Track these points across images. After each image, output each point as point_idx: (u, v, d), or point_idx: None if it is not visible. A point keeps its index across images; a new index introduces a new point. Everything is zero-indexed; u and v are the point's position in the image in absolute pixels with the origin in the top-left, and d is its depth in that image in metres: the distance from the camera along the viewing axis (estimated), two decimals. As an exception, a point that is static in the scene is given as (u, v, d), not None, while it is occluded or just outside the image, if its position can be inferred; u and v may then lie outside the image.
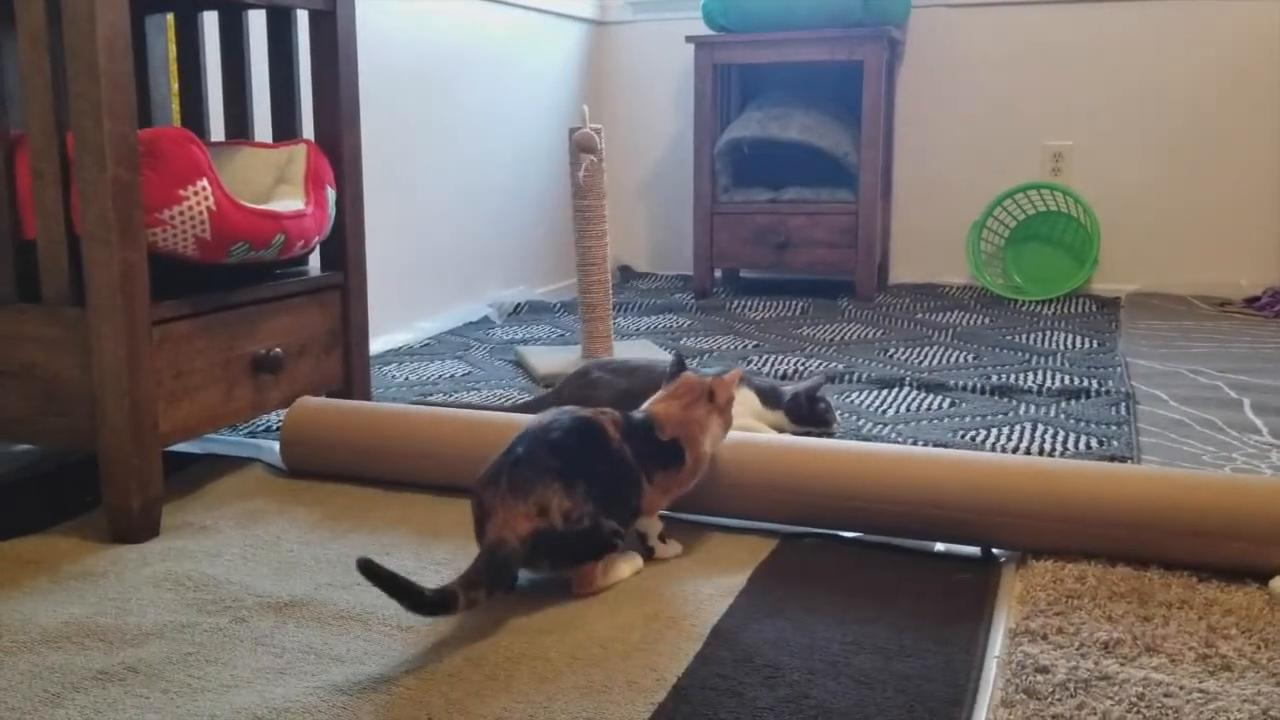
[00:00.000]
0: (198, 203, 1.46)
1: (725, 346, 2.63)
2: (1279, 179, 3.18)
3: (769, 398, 1.84)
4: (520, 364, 2.47)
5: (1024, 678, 1.06)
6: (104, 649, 1.11)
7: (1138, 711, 0.99)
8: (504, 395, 2.18)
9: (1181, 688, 1.03)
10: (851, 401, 2.10)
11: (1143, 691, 1.02)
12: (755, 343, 2.68)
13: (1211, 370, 2.31)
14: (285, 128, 1.84)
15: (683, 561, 1.35)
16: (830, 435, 1.84)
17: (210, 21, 1.88)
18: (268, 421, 1.95)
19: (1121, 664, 1.08)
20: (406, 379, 2.32)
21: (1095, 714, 0.99)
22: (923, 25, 3.47)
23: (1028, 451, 1.78)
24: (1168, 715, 0.99)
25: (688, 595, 1.24)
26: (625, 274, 3.84)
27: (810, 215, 3.24)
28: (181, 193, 1.44)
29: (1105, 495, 1.32)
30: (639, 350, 2.50)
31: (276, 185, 1.74)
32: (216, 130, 1.93)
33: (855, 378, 2.28)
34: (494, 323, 2.99)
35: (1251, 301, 3.07)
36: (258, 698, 1.02)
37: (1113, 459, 1.71)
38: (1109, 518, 1.31)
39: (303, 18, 1.81)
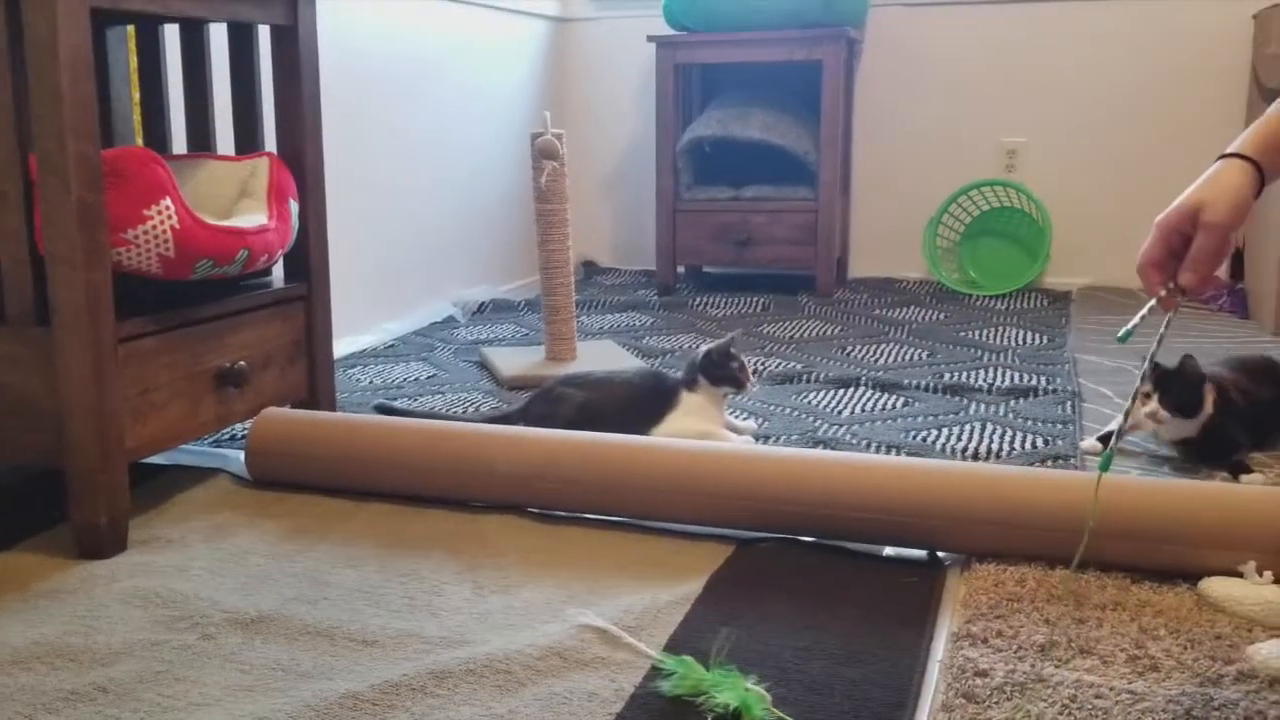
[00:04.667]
0: (162, 222, 1.48)
1: (688, 345, 2.67)
2: (1226, 174, 3.25)
3: (692, 377, 1.91)
4: (485, 366, 2.50)
5: (964, 681, 1.11)
6: (74, 669, 1.14)
7: (1069, 714, 1.05)
8: (469, 399, 2.21)
9: (1111, 689, 1.09)
10: (809, 402, 2.15)
11: (1075, 694, 1.08)
12: (717, 341, 2.72)
13: (1157, 367, 2.37)
14: (248, 140, 1.86)
15: (642, 568, 1.39)
16: (741, 393, 1.95)
17: (172, 34, 1.89)
18: (233, 431, 1.97)
19: (1056, 666, 1.13)
20: (371, 382, 2.35)
21: (1030, 716, 1.04)
22: (880, 25, 3.52)
23: (976, 452, 1.83)
24: (1097, 716, 1.04)
25: (647, 603, 1.28)
26: (589, 269, 3.87)
27: (771, 213, 3.28)
28: (146, 212, 1.46)
29: (1044, 500, 1.37)
30: (603, 351, 2.54)
31: (239, 199, 1.76)
32: (178, 142, 1.94)
33: (813, 378, 2.33)
34: (459, 322, 3.02)
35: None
36: (227, 715, 1.05)
37: (1056, 459, 1.77)
38: (1048, 522, 1.36)
39: (264, 32, 1.83)
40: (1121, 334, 1.17)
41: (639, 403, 1.89)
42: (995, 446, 1.85)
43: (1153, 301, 1.16)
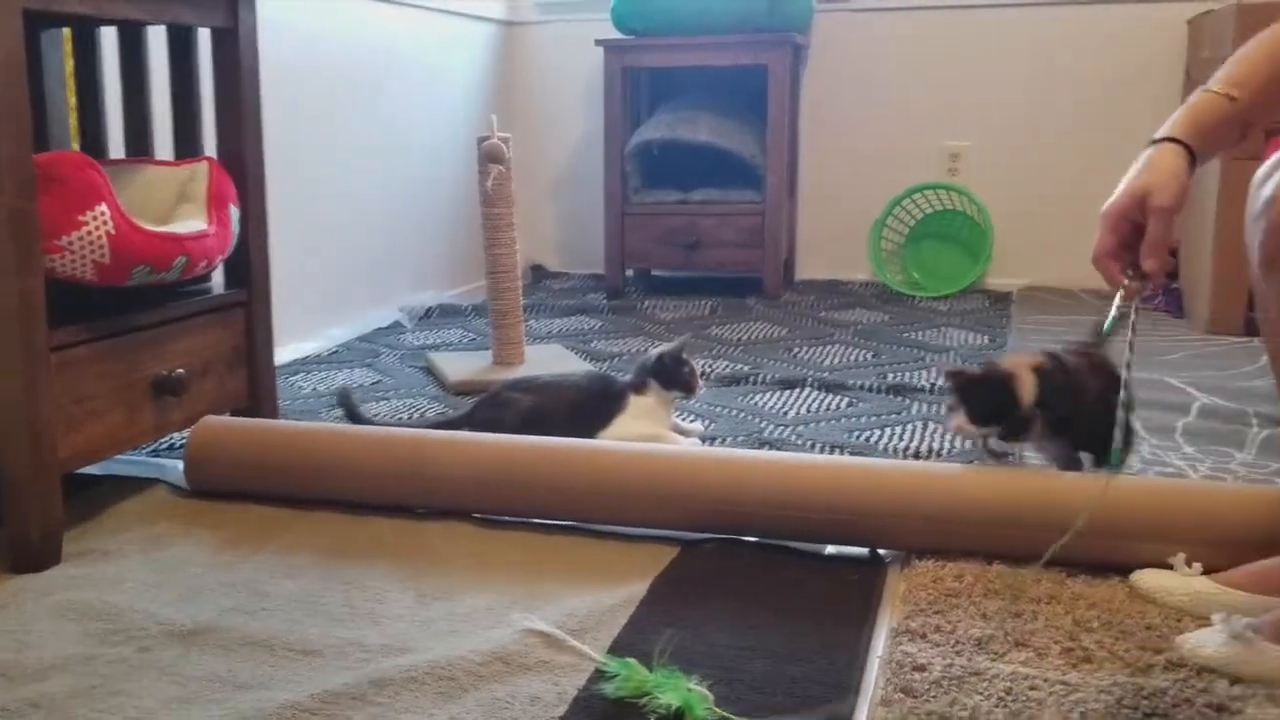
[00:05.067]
0: (97, 228, 1.46)
1: (637, 349, 2.67)
2: (1162, 176, 3.32)
3: (641, 380, 1.91)
4: (431, 371, 2.49)
5: (903, 676, 1.12)
6: (5, 685, 1.12)
7: (1005, 705, 1.07)
8: (414, 405, 2.20)
9: (1046, 680, 1.11)
10: (755, 404, 2.17)
11: (1010, 686, 1.10)
12: (666, 344, 2.73)
13: (1096, 365, 2.41)
14: (187, 145, 1.84)
15: (586, 571, 1.39)
16: (690, 398, 1.95)
17: (109, 36, 1.87)
18: (170, 440, 1.95)
19: (992, 659, 1.15)
20: (314, 389, 2.33)
21: (966, 709, 1.06)
22: (825, 29, 3.55)
23: (918, 451, 1.86)
24: (1031, 707, 1.06)
25: (591, 606, 1.28)
26: (538, 273, 3.86)
27: (719, 216, 3.30)
28: (80, 218, 1.44)
29: (981, 496, 1.39)
30: (551, 356, 2.54)
31: (179, 204, 1.74)
32: (116, 147, 1.91)
33: (760, 379, 2.34)
34: (405, 327, 3.00)
35: (1136, 294, 3.20)
36: (163, 727, 1.04)
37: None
38: (986, 518, 1.38)
39: (204, 35, 1.81)
40: (1106, 327, 1.19)
41: (586, 406, 1.89)
42: (936, 445, 1.88)
43: (1121, 292, 1.18)
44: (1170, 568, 1.29)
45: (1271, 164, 1.13)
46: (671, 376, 1.90)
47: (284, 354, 2.56)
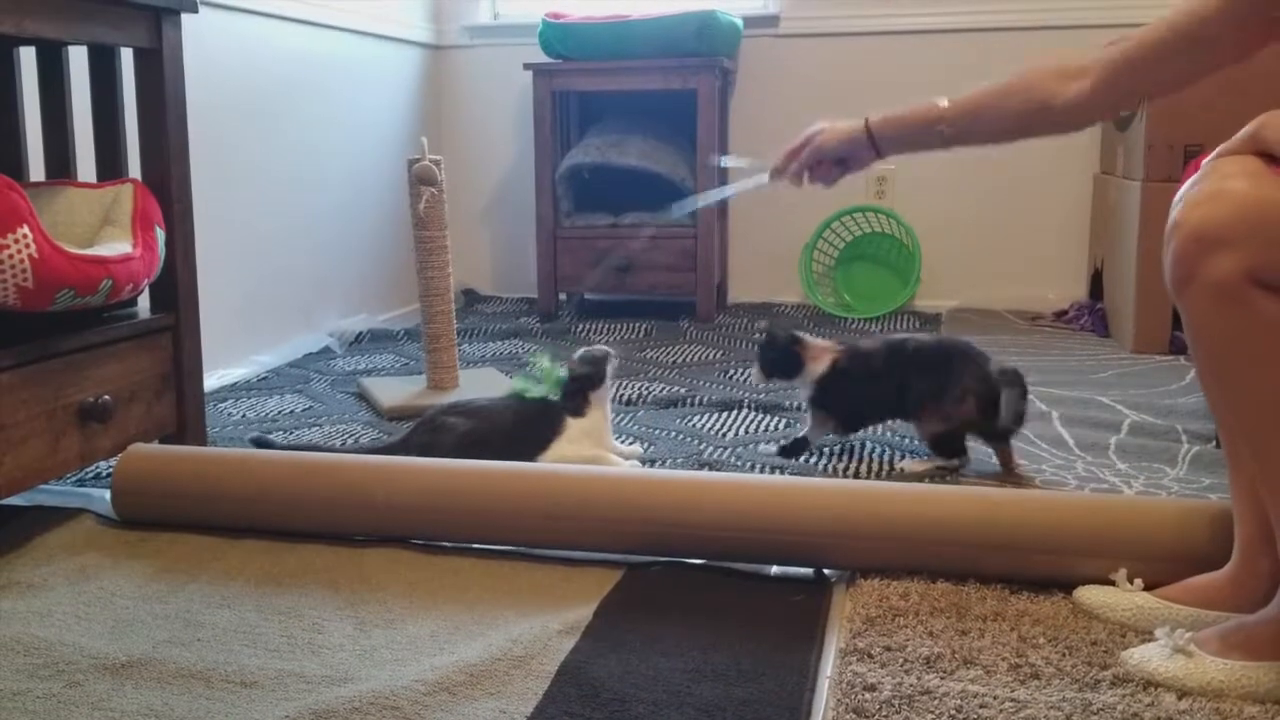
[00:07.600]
0: (19, 251, 1.41)
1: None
2: (1083, 200, 3.41)
3: (575, 395, 1.89)
4: (364, 397, 2.45)
5: (853, 697, 1.12)
6: (-74, 726, 1.07)
7: (956, 723, 1.07)
8: (347, 431, 2.16)
9: (995, 698, 1.11)
10: (693, 425, 2.17)
11: (960, 704, 1.10)
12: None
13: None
14: (111, 166, 1.80)
15: (531, 596, 1.37)
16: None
17: (28, 56, 1.81)
18: (97, 469, 1.89)
19: (942, 678, 1.16)
20: (244, 416, 2.27)
21: None
22: (752, 54, 3.59)
23: (857, 470, 1.87)
24: (983, 725, 1.07)
25: (537, 632, 1.26)
26: (470, 297, 3.83)
27: (651, 239, 3.30)
28: (2, 241, 1.39)
29: (924, 514, 1.40)
30: (485, 379, 2.51)
31: (102, 227, 1.70)
32: (36, 169, 1.86)
33: (696, 401, 2.34)
34: (335, 353, 2.95)
35: (1060, 315, 3.28)
36: (96, 767, 1.00)
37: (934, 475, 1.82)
38: (928, 535, 1.39)
39: (127, 55, 1.77)
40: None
41: (524, 429, 1.87)
42: (876, 466, 1.89)
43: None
44: (1112, 584, 1.31)
45: (1186, 186, 1.15)
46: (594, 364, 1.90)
47: (211, 380, 2.50)
